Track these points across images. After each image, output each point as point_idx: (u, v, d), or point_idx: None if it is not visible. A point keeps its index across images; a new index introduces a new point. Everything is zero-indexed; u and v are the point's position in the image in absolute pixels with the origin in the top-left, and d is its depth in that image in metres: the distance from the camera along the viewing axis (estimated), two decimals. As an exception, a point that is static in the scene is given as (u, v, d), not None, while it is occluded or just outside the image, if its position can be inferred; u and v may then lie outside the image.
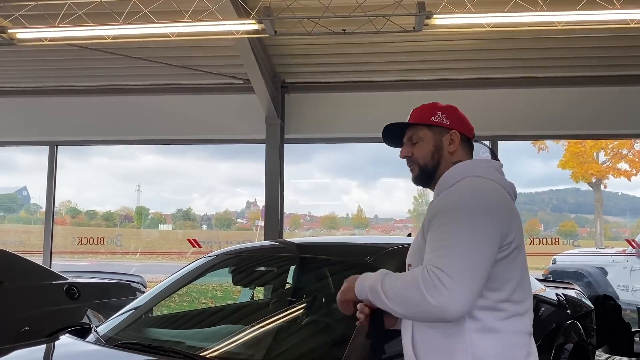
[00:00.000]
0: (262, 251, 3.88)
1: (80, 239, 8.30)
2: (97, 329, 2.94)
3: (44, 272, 4.89)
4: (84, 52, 6.21)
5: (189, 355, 2.42)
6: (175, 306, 4.69)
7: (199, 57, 6.81)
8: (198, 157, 16.73)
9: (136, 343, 2.66)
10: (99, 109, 7.82)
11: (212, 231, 14.76)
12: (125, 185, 18.09)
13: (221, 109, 7.74)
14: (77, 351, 2.61)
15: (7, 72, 7.34)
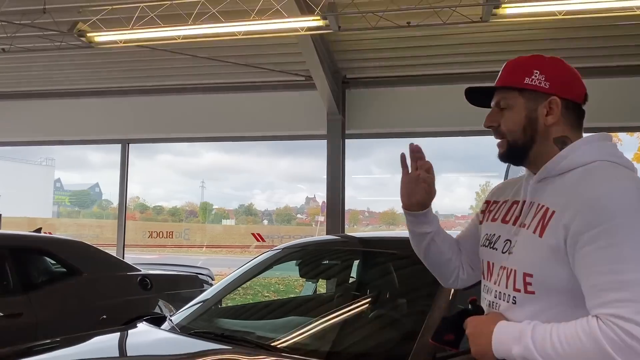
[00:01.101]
0: (327, 245, 3.92)
1: (150, 233, 8.69)
2: (172, 318, 3.07)
3: (119, 264, 5.13)
4: (153, 53, 6.47)
5: (261, 344, 2.49)
6: (239, 299, 4.82)
7: (262, 55, 6.93)
8: (259, 154, 17.05)
9: (209, 332, 2.77)
10: (167, 107, 8.15)
11: (274, 226, 15.01)
12: (189, 181, 18.70)
13: (283, 105, 7.87)
14: (155, 338, 2.73)
15: (83, 74, 7.75)
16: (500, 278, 1.37)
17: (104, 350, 2.74)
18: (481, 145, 9.09)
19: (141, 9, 4.63)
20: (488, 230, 1.49)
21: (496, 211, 1.50)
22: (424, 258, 1.63)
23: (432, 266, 1.65)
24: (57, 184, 21.01)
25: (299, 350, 2.43)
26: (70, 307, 4.37)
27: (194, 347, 2.51)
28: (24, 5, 5.05)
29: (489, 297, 1.41)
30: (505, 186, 1.56)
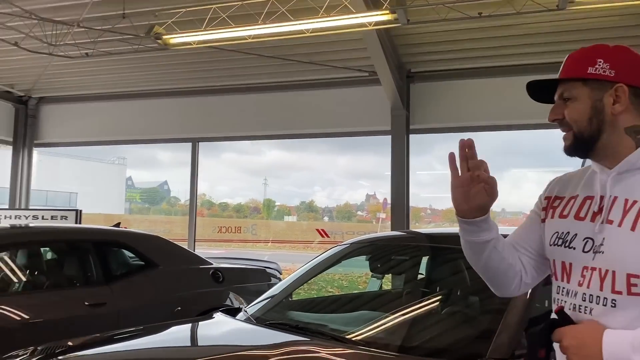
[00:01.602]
0: (395, 240, 3.89)
1: (219, 228, 8.98)
2: (246, 310, 3.16)
3: (193, 257, 5.31)
4: (222, 53, 6.66)
5: (335, 337, 2.52)
6: (303, 294, 4.89)
7: (325, 52, 6.98)
8: (319, 152, 17.17)
9: (283, 324, 2.83)
10: (234, 106, 8.38)
11: (335, 223, 15.10)
12: (253, 179, 19.12)
13: (346, 102, 7.89)
14: (234, 328, 2.83)
15: (157, 76, 8.09)
16: (589, 280, 1.28)
17: (187, 339, 2.86)
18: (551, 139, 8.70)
19: (213, 10, 4.78)
20: (558, 228, 1.39)
21: (563, 207, 1.40)
22: (484, 268, 1.46)
23: (493, 276, 1.48)
24: (129, 182, 22.08)
25: (374, 344, 2.44)
26: (148, 298, 4.56)
27: (273, 337, 2.57)
28: (104, 11, 5.34)
29: (573, 300, 1.31)
30: (567, 181, 1.47)
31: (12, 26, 5.21)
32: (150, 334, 3.01)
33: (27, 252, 4.66)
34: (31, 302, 4.01)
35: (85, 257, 4.58)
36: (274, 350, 2.34)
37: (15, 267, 4.57)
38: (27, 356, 2.58)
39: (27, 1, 5.26)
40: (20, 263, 4.63)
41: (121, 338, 2.99)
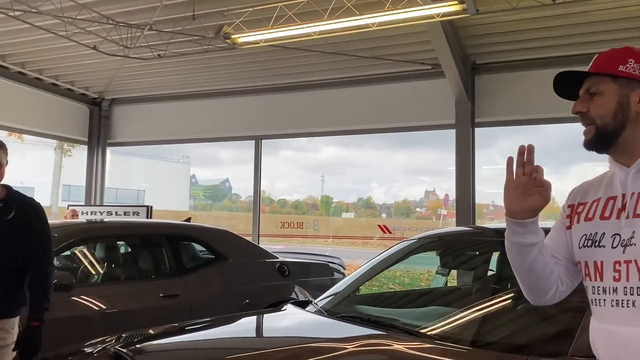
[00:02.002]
0: (464, 236, 3.82)
1: (282, 224, 9.13)
2: (316, 303, 3.20)
3: (260, 252, 5.41)
4: (285, 51, 6.75)
5: (409, 330, 2.51)
6: (365, 290, 4.88)
7: (388, 46, 6.93)
8: (376, 147, 17.07)
9: (355, 317, 2.84)
10: (296, 103, 8.48)
11: (394, 219, 14.96)
12: (310, 175, 19.27)
13: (407, 96, 7.80)
14: (307, 319, 2.87)
15: (222, 75, 8.29)
16: (627, 274, 1.32)
17: (264, 329, 2.92)
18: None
19: (280, 8, 4.85)
20: (585, 230, 1.44)
21: (587, 211, 1.45)
22: (528, 272, 1.48)
23: (534, 280, 1.50)
24: (193, 179, 22.81)
25: (450, 339, 2.40)
26: (218, 290, 4.69)
27: (347, 329, 2.59)
28: (175, 13, 5.54)
29: (614, 297, 1.35)
30: (586, 188, 1.53)
31: (92, 31, 5.51)
32: (225, 324, 3.11)
33: (105, 245, 4.91)
34: (109, 293, 4.21)
35: (159, 250, 4.78)
36: (351, 343, 2.35)
37: (94, 260, 4.83)
38: (113, 342, 2.72)
39: (104, 7, 5.54)
40: (99, 256, 4.89)
41: (198, 328, 3.09)
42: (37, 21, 5.51)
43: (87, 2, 5.38)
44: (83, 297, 3.97)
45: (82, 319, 3.91)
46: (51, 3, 4.98)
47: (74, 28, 5.51)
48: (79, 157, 12.53)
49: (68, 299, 3.83)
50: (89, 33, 5.60)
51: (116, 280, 4.69)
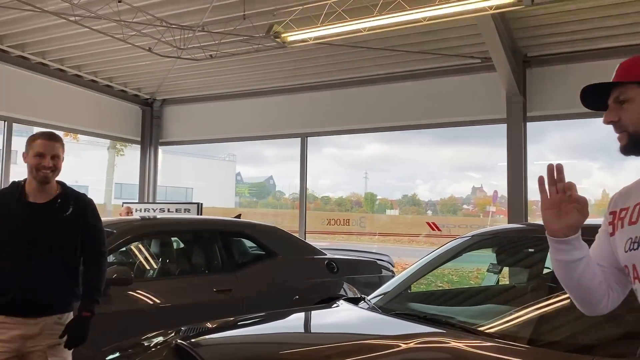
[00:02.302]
0: (520, 233, 3.73)
1: (328, 221, 9.16)
2: (369, 299, 3.19)
3: (308, 248, 5.44)
4: (332, 48, 6.75)
5: (467, 328, 2.47)
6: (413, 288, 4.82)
7: (436, 40, 6.82)
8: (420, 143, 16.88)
9: (409, 314, 2.82)
10: (342, 100, 8.48)
11: (441, 216, 14.75)
12: (353, 172, 19.23)
13: (455, 90, 7.68)
14: (363, 316, 2.87)
15: (270, 74, 8.37)
16: None
17: (321, 325, 2.94)
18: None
19: (329, 5, 4.85)
20: (630, 234, 1.43)
21: (630, 215, 1.45)
22: (578, 287, 1.48)
23: (585, 294, 1.50)
24: (238, 177, 23.19)
25: (510, 337, 2.36)
26: (269, 286, 4.75)
27: (403, 327, 2.58)
28: (226, 13, 5.64)
29: None
30: (627, 193, 1.52)
31: (146, 33, 5.67)
32: (280, 319, 3.15)
33: (160, 241, 5.05)
34: (165, 287, 4.32)
35: (212, 246, 4.87)
36: (410, 340, 2.34)
37: (149, 255, 4.97)
38: (172, 335, 2.81)
39: (157, 9, 5.69)
40: (154, 251, 5.03)
41: (253, 322, 3.14)
42: (94, 25, 5.72)
43: (141, 5, 5.54)
44: (139, 292, 4.08)
45: (140, 313, 4.02)
46: (109, 7, 5.17)
47: (130, 31, 5.70)
48: (130, 156, 12.95)
49: (127, 293, 3.95)
50: (144, 35, 5.77)
51: (171, 275, 4.79)
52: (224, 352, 2.53)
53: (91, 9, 5.31)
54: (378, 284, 5.50)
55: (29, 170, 2.68)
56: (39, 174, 2.64)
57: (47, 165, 2.63)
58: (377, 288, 3.64)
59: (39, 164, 2.62)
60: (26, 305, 2.59)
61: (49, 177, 2.67)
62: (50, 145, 2.67)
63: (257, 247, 5.19)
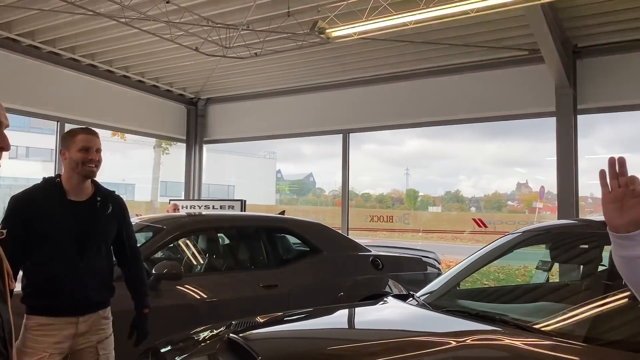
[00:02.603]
0: (574, 228, 3.61)
1: (371, 217, 9.13)
2: (418, 296, 3.16)
3: (353, 245, 5.41)
4: (375, 43, 6.70)
5: (522, 326, 2.41)
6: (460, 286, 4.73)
7: (482, 32, 6.68)
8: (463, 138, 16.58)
9: (461, 311, 2.78)
10: (384, 96, 8.42)
11: (485, 213, 14.47)
12: (394, 169, 19.07)
13: (501, 83, 7.51)
14: (414, 313, 2.84)
15: (313, 70, 8.39)
16: None
17: (371, 321, 2.93)
18: None
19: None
20: None
21: None
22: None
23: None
24: (278, 174, 23.40)
25: (568, 335, 2.29)
26: (314, 282, 4.75)
27: (456, 324, 2.54)
28: (270, 11, 5.68)
29: None
30: None
31: (193, 33, 5.78)
32: (328, 314, 3.15)
33: (207, 237, 5.14)
34: (212, 282, 4.37)
35: (257, 242, 4.92)
36: (464, 337, 2.30)
37: (196, 251, 5.07)
38: (223, 329, 2.85)
39: (203, 9, 5.79)
40: (201, 247, 5.12)
41: (302, 317, 3.15)
42: (143, 26, 5.86)
43: (188, 5, 5.64)
44: (187, 287, 4.14)
45: (188, 307, 4.09)
46: (157, 8, 5.29)
47: (177, 30, 5.81)
48: (175, 154, 13.25)
49: (176, 287, 4.03)
50: (191, 35, 5.88)
51: (217, 270, 4.86)
52: (276, 347, 2.55)
53: (140, 10, 5.44)
54: (423, 281, 5.45)
55: (72, 165, 2.60)
56: (85, 169, 2.59)
57: (94, 159, 2.61)
58: (423, 285, 3.60)
59: (85, 158, 2.58)
60: (77, 304, 2.58)
61: (95, 172, 2.65)
62: (94, 139, 2.65)
63: (302, 243, 5.20)
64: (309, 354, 2.33)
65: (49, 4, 5.76)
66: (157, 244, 4.23)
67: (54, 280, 2.52)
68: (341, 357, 2.28)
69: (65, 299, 2.54)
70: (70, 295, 2.54)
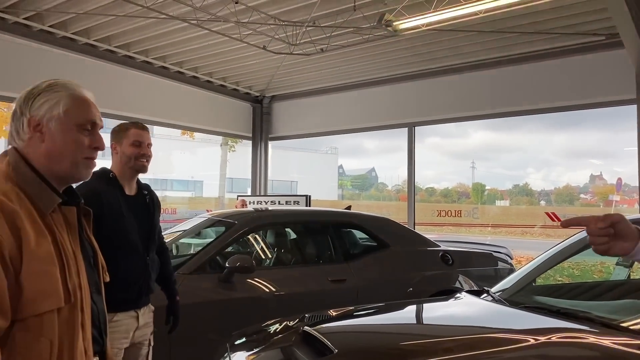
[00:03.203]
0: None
1: (438, 212, 8.98)
2: (493, 292, 3.08)
3: (421, 240, 5.35)
4: (441, 34, 6.56)
5: (609, 324, 2.30)
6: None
7: (553, 19, 6.38)
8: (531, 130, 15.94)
9: (541, 307, 2.69)
10: (448, 88, 8.24)
11: (556, 207, 13.90)
12: (459, 162, 18.64)
13: (575, 71, 7.16)
14: (490, 308, 2.77)
15: (377, 64, 8.31)
16: None
17: (448, 316, 2.89)
18: None
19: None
20: None
21: None
22: None
23: None
24: (340, 170, 23.47)
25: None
26: (382, 277, 4.73)
27: (538, 320, 2.46)
28: (336, 6, 5.69)
29: None
30: None
31: (261, 31, 5.89)
32: (402, 309, 3.13)
33: (276, 232, 5.23)
34: (281, 276, 4.44)
35: (325, 237, 4.96)
36: (548, 334, 2.22)
37: (264, 245, 5.17)
38: (297, 322, 2.90)
39: (269, 7, 5.89)
40: (270, 242, 5.22)
41: (373, 312, 3.16)
42: (212, 27, 6.04)
43: (256, 4, 5.75)
44: (257, 280, 4.23)
45: (259, 300, 4.17)
46: (227, 8, 5.43)
47: (245, 30, 5.94)
48: (240, 151, 13.57)
49: (246, 280, 4.13)
50: (259, 34, 5.98)
51: (286, 264, 4.93)
52: (351, 340, 2.57)
53: (210, 11, 5.60)
54: (494, 277, 5.31)
55: (124, 160, 2.60)
56: (138, 163, 2.60)
57: (146, 154, 2.62)
58: (493, 281, 3.50)
59: (138, 153, 2.59)
60: (141, 298, 2.60)
61: (146, 167, 2.65)
62: (145, 134, 2.65)
63: (369, 238, 5.19)
64: (383, 349, 2.33)
65: (124, 9, 6.04)
66: (229, 238, 4.34)
67: (125, 276, 2.48)
68: (416, 353, 2.26)
69: (134, 293, 2.56)
70: (138, 290, 2.57)
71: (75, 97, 1.46)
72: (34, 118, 1.41)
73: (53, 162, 1.41)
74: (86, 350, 1.42)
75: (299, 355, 2.35)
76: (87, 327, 1.43)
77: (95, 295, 1.55)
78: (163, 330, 2.93)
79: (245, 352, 2.71)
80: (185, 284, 3.73)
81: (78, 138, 1.43)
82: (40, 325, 1.28)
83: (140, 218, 2.63)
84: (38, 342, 1.28)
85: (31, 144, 1.41)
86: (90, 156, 1.46)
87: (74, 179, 1.48)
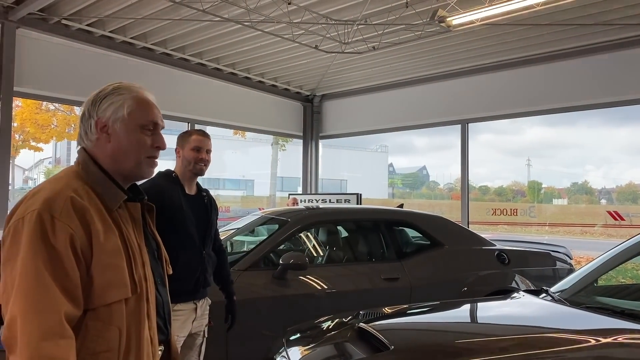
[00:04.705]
0: None
1: (494, 211, 8.78)
2: (552, 292, 3.00)
3: (477, 239, 5.24)
4: (495, 28, 6.40)
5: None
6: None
7: (612, 10, 6.10)
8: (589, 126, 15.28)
9: (604, 308, 2.60)
10: (502, 83, 8.03)
11: (619, 205, 13.28)
12: (513, 160, 18.09)
13: (636, 64, 6.81)
14: (551, 308, 2.70)
15: (430, 60, 8.21)
16: None
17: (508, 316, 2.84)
18: None
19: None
20: None
21: None
22: None
23: None
24: (390, 168, 23.24)
25: None
26: (436, 276, 4.67)
27: (601, 321, 2.38)
28: (387, 3, 5.65)
29: None
30: None
31: (312, 31, 5.93)
32: (458, 308, 3.09)
33: (328, 230, 5.25)
34: (333, 274, 4.46)
35: (377, 235, 4.94)
36: (613, 335, 2.15)
37: (317, 243, 5.20)
38: (352, 318, 2.92)
39: (320, 7, 5.92)
40: (321, 239, 5.25)
41: (428, 310, 3.13)
42: (265, 28, 6.13)
43: (307, 4, 5.80)
44: (310, 277, 4.26)
45: (313, 297, 4.20)
46: (279, 9, 5.50)
47: (297, 30, 5.99)
48: (290, 150, 13.69)
49: (299, 277, 4.18)
50: (311, 33, 6.02)
51: (338, 262, 4.95)
52: (407, 337, 2.56)
53: (263, 13, 5.69)
54: (552, 277, 5.15)
55: (185, 163, 2.83)
56: (196, 167, 2.82)
57: (204, 159, 2.83)
58: (551, 281, 3.39)
59: (197, 158, 2.81)
60: (197, 290, 2.77)
61: (204, 171, 2.86)
62: (205, 141, 2.87)
63: (423, 236, 5.13)
64: (439, 346, 2.32)
65: (179, 13, 6.23)
66: (282, 235, 4.39)
67: (183, 267, 2.65)
68: (472, 351, 2.23)
69: (192, 285, 2.73)
70: (196, 282, 2.74)
71: (138, 99, 1.52)
72: (101, 120, 1.48)
73: (118, 161, 1.48)
74: (152, 339, 1.49)
75: (355, 350, 2.37)
76: (152, 316, 1.50)
77: (160, 287, 1.62)
78: (220, 325, 3.06)
79: (301, 347, 2.75)
80: (240, 280, 3.82)
81: (141, 138, 1.50)
82: (109, 314, 1.36)
83: (197, 216, 2.82)
84: (108, 330, 1.36)
85: (98, 144, 1.49)
86: (153, 155, 1.53)
87: (137, 177, 1.55)
